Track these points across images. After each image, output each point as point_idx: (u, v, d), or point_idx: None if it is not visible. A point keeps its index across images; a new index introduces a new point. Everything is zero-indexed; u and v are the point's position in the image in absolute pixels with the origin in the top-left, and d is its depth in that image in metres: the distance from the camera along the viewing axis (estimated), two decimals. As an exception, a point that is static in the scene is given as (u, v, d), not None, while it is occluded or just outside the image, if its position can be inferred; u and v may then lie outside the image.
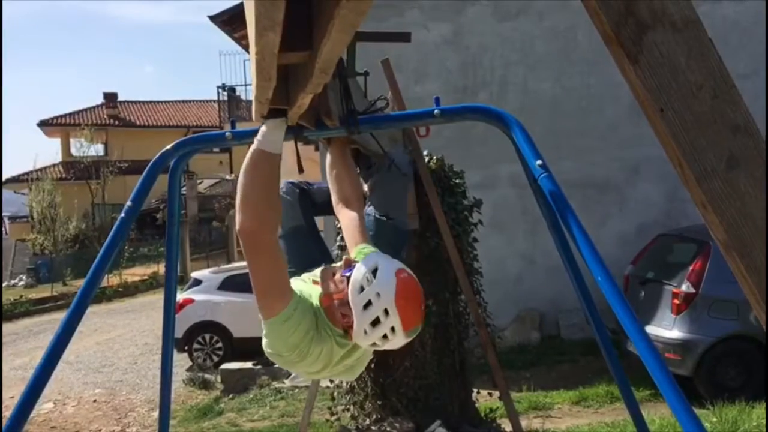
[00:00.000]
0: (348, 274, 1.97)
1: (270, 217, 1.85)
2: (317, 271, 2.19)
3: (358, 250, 2.24)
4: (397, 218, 2.68)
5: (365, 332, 1.91)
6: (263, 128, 1.91)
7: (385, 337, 1.92)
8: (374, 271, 1.92)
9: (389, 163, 2.69)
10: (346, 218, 2.38)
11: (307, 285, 2.13)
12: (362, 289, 1.91)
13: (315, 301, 2.03)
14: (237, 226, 1.84)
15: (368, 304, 1.90)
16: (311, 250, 2.54)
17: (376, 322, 1.90)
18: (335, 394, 5.50)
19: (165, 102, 36.79)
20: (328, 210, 2.89)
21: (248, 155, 1.88)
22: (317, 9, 1.33)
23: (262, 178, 1.84)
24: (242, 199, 1.84)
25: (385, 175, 2.70)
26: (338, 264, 2.11)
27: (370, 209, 2.62)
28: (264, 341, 1.99)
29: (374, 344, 1.96)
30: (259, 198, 1.83)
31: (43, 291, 20.50)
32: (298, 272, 2.33)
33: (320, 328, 1.95)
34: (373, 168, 2.77)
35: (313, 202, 2.79)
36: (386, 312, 1.89)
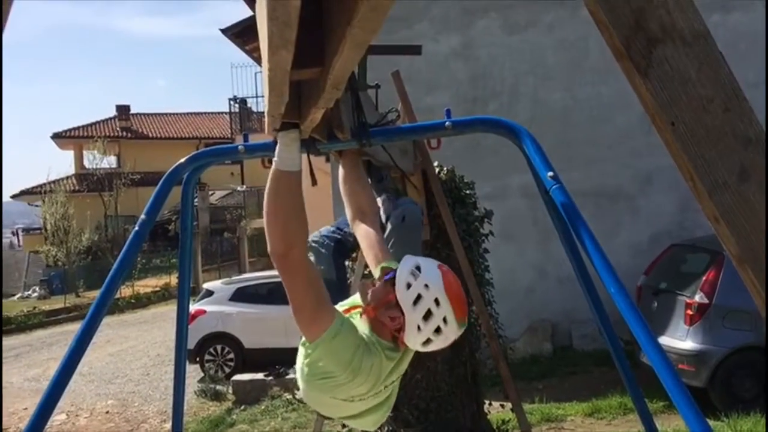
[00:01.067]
0: (390, 277, 2.00)
1: (298, 237, 1.85)
2: (344, 302, 2.22)
3: (383, 267, 2.22)
4: None
5: (419, 328, 1.93)
6: (279, 146, 1.92)
7: (438, 330, 1.93)
8: (417, 267, 1.98)
9: (402, 216, 2.70)
10: (365, 233, 2.37)
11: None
12: (409, 285, 1.95)
13: (356, 320, 2.04)
14: (269, 250, 1.85)
15: (418, 298, 1.93)
16: (336, 301, 2.58)
17: (428, 315, 1.92)
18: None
19: (177, 114, 37.08)
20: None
21: (269, 177, 1.89)
22: (329, 27, 1.35)
23: (286, 199, 1.85)
24: (270, 222, 1.85)
25: (400, 228, 2.71)
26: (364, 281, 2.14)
27: None
28: (305, 371, 1.96)
29: (427, 341, 1.95)
30: (287, 218, 1.84)
31: (57, 302, 20.64)
32: None
33: (369, 343, 1.96)
34: (386, 211, 2.76)
35: (346, 247, 2.84)
36: (437, 302, 1.92)
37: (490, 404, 5.61)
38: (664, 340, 6.48)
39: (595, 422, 6.77)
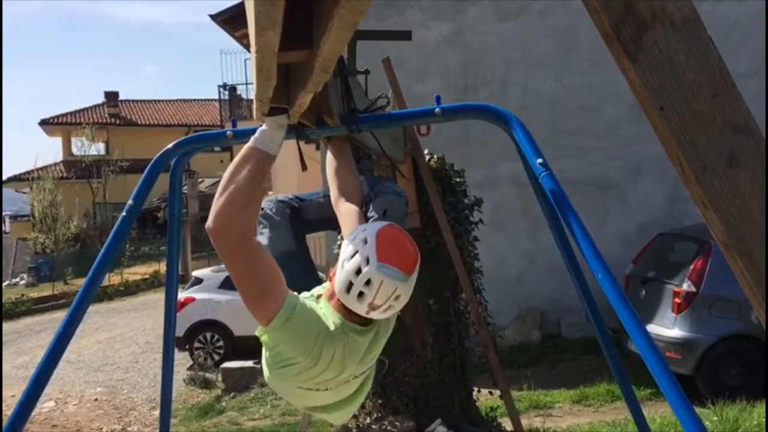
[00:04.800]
0: None
1: (243, 216, 1.74)
2: (315, 290, 2.13)
3: None
4: None
5: (342, 266, 1.87)
6: (263, 127, 1.89)
7: (358, 271, 1.83)
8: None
9: (384, 210, 2.49)
10: (347, 211, 2.30)
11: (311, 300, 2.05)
12: (353, 233, 1.95)
13: (322, 304, 1.97)
14: (206, 224, 1.75)
15: (353, 238, 1.90)
16: (301, 276, 2.40)
17: (353, 254, 1.86)
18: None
19: (166, 101, 36.79)
20: (321, 226, 2.81)
21: (239, 153, 1.83)
22: (317, 8, 1.34)
23: (246, 176, 1.76)
24: (219, 193, 1.76)
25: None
26: None
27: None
28: (267, 358, 1.90)
29: (350, 285, 1.84)
30: (236, 194, 1.74)
31: (45, 290, 20.51)
32: None
33: (333, 328, 1.87)
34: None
35: (304, 220, 2.69)
36: (365, 241, 1.87)
37: (478, 391, 5.64)
38: (652, 328, 6.53)
39: (582, 409, 6.82)
